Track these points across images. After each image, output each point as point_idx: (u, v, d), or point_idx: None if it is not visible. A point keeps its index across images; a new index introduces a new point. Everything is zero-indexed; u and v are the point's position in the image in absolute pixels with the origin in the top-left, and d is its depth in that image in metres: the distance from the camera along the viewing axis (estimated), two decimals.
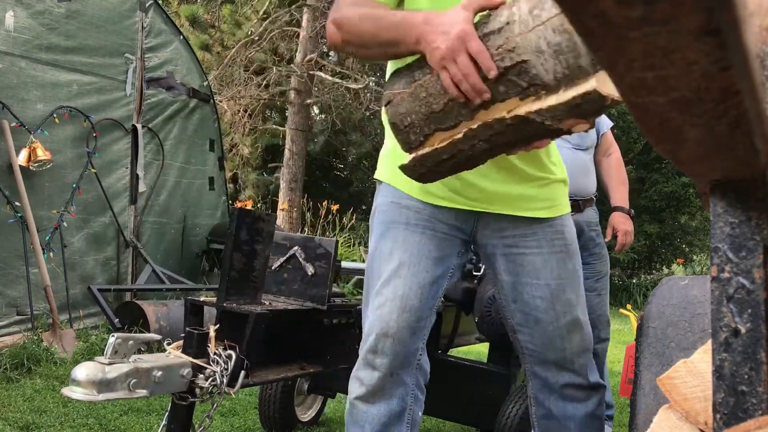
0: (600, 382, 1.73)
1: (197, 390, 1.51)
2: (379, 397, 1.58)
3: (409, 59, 1.32)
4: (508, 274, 1.65)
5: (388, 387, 1.58)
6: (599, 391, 1.73)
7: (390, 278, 1.58)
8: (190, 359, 1.50)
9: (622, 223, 3.10)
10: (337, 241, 1.96)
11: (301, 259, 1.90)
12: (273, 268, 1.92)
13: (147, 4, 5.12)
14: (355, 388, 1.61)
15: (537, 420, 1.73)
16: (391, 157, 1.62)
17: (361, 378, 1.60)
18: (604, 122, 3.21)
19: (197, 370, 1.51)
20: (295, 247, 1.91)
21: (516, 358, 2.56)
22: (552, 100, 1.09)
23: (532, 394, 1.72)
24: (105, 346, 1.37)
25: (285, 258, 1.93)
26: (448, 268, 1.64)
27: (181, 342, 1.55)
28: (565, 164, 2.09)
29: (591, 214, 3.08)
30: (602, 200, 3.53)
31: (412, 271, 1.59)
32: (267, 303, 1.84)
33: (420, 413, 1.65)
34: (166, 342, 1.56)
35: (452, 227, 1.63)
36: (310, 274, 1.89)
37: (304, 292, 1.90)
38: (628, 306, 6.08)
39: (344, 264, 2.15)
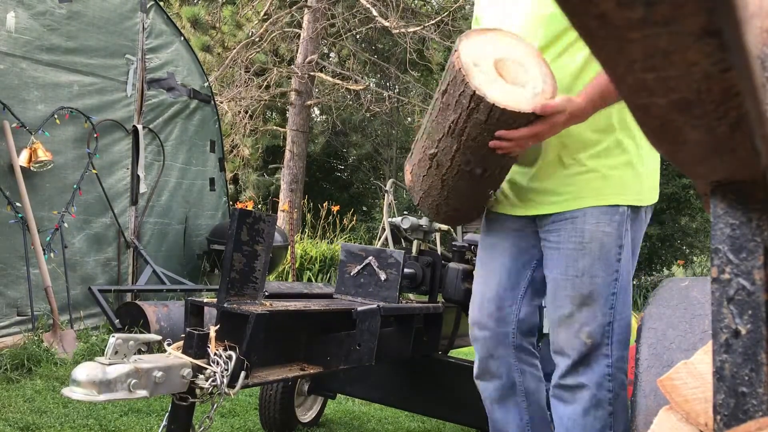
0: (583, 383, 1.69)
1: (197, 390, 1.51)
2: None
3: None
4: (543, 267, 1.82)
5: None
6: (585, 392, 1.68)
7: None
8: (191, 360, 1.50)
9: None
10: (405, 251, 2.37)
11: (375, 267, 2.21)
12: (351, 274, 2.25)
13: (148, 5, 5.12)
14: None
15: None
16: None
17: None
18: None
19: (197, 370, 1.51)
20: (370, 257, 2.23)
21: None
22: None
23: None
24: (105, 346, 1.37)
25: (362, 266, 2.23)
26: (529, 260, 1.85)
27: (181, 342, 1.55)
28: None
29: None
30: None
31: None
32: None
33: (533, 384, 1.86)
34: (166, 342, 1.56)
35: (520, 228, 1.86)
36: (383, 279, 2.19)
37: (378, 294, 2.19)
38: None
39: None
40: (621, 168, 1.69)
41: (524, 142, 1.51)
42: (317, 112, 15.28)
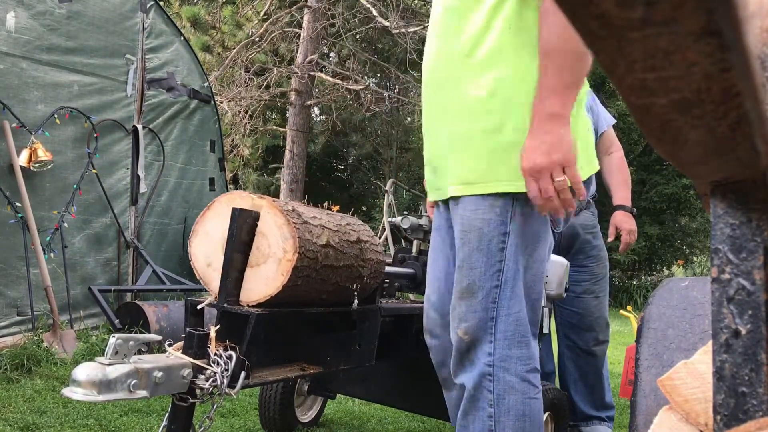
0: (463, 383, 1.57)
1: (197, 391, 1.51)
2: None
3: None
4: None
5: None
6: (465, 392, 1.56)
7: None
8: (191, 360, 1.50)
9: (625, 222, 2.99)
10: (401, 249, 2.35)
11: None
12: None
13: (148, 5, 5.12)
14: None
15: None
16: None
17: None
18: (603, 120, 3.04)
19: (197, 370, 1.51)
20: None
21: None
22: None
23: None
24: (105, 346, 1.37)
25: None
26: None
27: (181, 343, 1.55)
28: None
29: (588, 216, 2.98)
30: (602, 201, 3.49)
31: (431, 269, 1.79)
32: None
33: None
34: (166, 343, 1.56)
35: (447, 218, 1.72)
36: None
37: None
38: (629, 307, 6.08)
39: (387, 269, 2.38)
40: (505, 149, 1.49)
41: None
42: (317, 112, 15.28)
